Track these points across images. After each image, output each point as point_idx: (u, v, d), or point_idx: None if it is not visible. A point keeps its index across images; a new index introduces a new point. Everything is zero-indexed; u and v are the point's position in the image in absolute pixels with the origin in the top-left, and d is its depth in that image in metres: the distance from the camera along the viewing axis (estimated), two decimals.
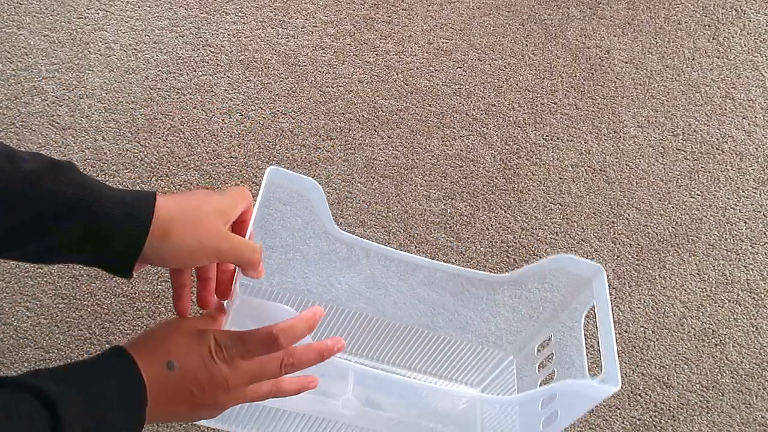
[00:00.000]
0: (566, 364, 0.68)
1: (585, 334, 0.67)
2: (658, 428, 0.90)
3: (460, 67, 1.11)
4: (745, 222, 1.03)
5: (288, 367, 0.52)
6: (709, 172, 1.06)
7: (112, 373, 0.47)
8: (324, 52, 1.12)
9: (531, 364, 0.74)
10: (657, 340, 0.95)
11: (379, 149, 1.04)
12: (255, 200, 0.57)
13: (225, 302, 0.57)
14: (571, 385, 0.58)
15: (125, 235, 0.46)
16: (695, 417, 0.90)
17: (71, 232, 0.46)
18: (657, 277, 0.98)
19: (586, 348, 0.67)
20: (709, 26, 1.17)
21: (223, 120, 1.06)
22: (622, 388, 0.92)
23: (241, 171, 1.02)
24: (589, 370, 0.65)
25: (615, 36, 1.15)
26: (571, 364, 0.66)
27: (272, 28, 1.13)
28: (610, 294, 0.97)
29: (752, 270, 1.00)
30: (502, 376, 0.79)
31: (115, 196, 0.47)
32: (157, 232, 0.47)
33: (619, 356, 0.94)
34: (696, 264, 1.00)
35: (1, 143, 0.46)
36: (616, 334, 0.95)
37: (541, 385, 0.71)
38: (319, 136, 1.05)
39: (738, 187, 1.05)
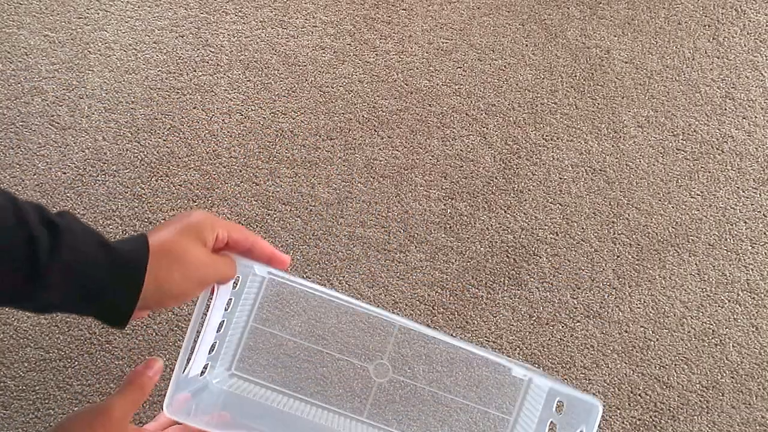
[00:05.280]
0: None
1: None
2: (658, 428, 0.90)
3: (460, 67, 1.11)
4: (745, 222, 1.03)
5: None
6: (709, 172, 1.06)
7: None
8: (324, 52, 1.12)
9: None
10: (657, 340, 0.95)
11: (379, 149, 1.04)
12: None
13: None
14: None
15: (119, 299, 0.47)
16: (695, 417, 0.90)
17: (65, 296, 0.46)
18: (657, 277, 0.98)
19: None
20: (709, 26, 1.17)
21: (223, 120, 1.06)
22: (622, 388, 0.92)
23: (241, 171, 1.02)
24: None
25: (615, 36, 1.15)
26: None
27: (272, 28, 1.13)
28: (610, 294, 0.97)
29: (752, 270, 1.00)
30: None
31: (110, 264, 0.47)
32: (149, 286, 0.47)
33: (619, 356, 0.94)
34: (696, 264, 0.99)
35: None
36: (616, 334, 0.95)
37: None
38: (319, 136, 1.05)
39: (738, 187, 1.05)
